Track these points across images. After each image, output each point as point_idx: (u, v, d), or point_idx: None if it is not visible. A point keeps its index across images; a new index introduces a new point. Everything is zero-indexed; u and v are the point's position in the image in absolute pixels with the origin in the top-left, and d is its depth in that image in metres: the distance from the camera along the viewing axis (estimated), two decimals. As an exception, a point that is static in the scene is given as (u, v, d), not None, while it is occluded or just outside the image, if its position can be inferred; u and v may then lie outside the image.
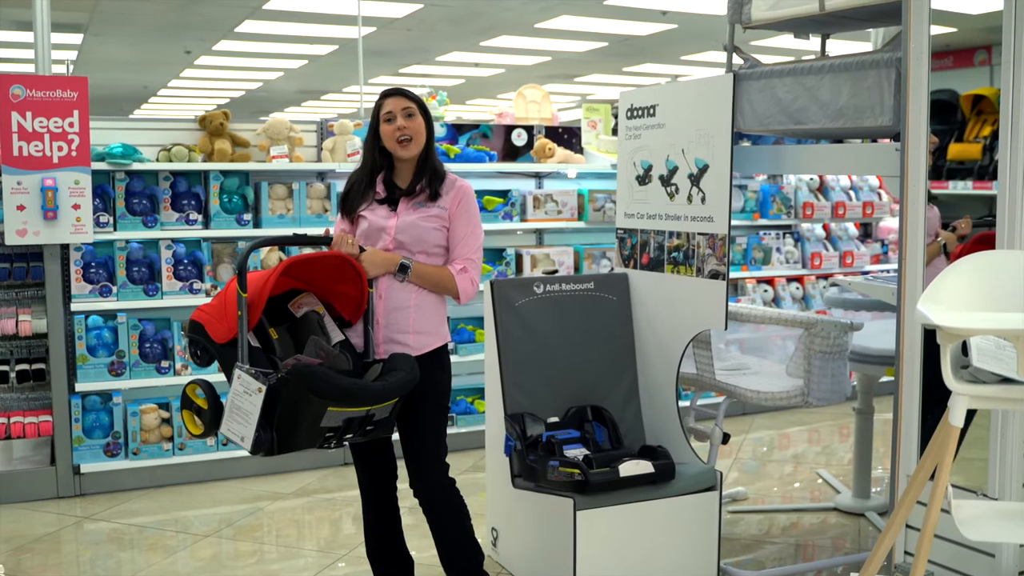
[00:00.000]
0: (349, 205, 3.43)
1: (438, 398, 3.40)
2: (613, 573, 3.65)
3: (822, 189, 7.11)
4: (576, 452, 3.84)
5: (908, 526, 3.21)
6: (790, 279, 7.18)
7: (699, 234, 3.92)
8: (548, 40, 12.26)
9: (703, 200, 3.90)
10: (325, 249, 3.32)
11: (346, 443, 3.23)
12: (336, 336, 3.34)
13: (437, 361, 3.38)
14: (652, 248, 4.20)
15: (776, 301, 7.07)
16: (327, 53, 13.13)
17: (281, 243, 3.55)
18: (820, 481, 5.45)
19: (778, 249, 6.99)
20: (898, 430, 3.25)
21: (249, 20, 10.64)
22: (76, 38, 11.48)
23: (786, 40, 4.44)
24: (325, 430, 3.08)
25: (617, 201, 4.47)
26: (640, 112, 4.27)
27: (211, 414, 3.17)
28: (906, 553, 3.23)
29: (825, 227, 7.33)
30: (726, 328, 3.81)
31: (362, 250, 3.31)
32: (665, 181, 4.12)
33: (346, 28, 11.09)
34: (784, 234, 7.09)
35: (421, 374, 3.27)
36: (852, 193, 7.19)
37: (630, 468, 3.64)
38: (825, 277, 7.22)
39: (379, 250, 3.32)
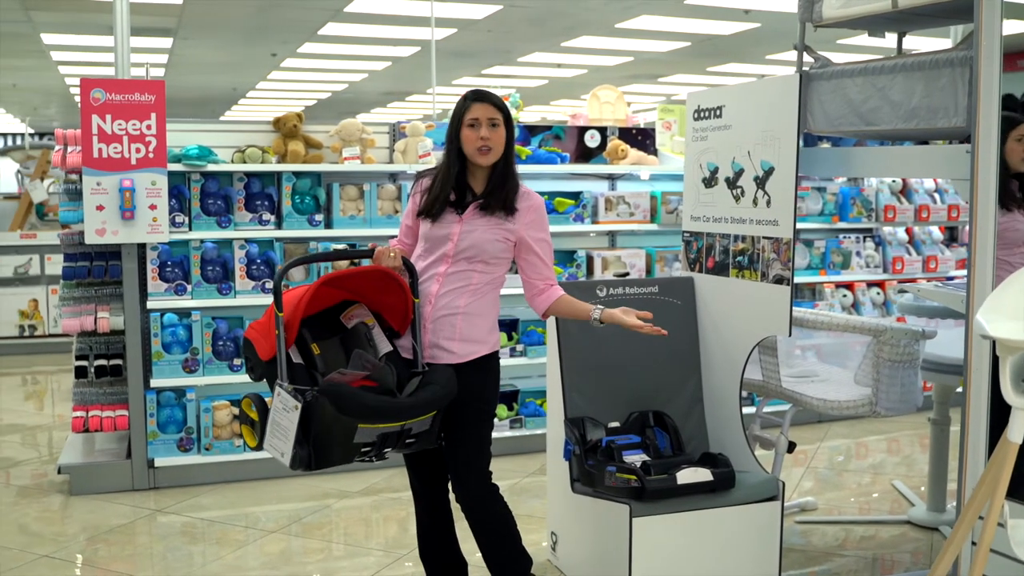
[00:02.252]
0: (436, 210, 3.31)
1: (481, 405, 3.34)
2: (670, 581, 3.59)
3: (905, 192, 6.90)
4: (636, 458, 3.79)
5: (976, 543, 3.08)
6: (870, 284, 6.99)
7: (764, 238, 3.83)
8: (630, 40, 12.17)
9: (768, 203, 3.81)
10: (367, 263, 3.34)
11: (387, 456, 3.24)
12: (384, 347, 3.34)
13: (483, 368, 3.34)
14: (717, 252, 4.13)
15: (856, 307, 6.89)
16: (409, 55, 13.25)
17: (322, 259, 3.55)
18: (895, 493, 5.30)
19: (858, 253, 6.82)
20: (965, 443, 3.13)
21: (331, 23, 10.80)
22: (166, 42, 11.77)
23: (872, 38, 4.30)
24: (360, 445, 3.11)
25: (684, 204, 4.41)
26: (707, 113, 4.20)
27: (262, 428, 3.24)
28: None
29: (908, 231, 7.11)
30: (790, 334, 3.71)
31: (407, 263, 3.31)
32: (731, 183, 4.04)
33: (427, 30, 11.15)
34: (864, 238, 6.91)
35: (465, 380, 3.27)
36: (936, 196, 6.97)
37: (688, 476, 3.58)
38: (908, 282, 7.01)
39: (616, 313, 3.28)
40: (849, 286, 6.93)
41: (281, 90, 17.50)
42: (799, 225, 6.60)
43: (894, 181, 6.86)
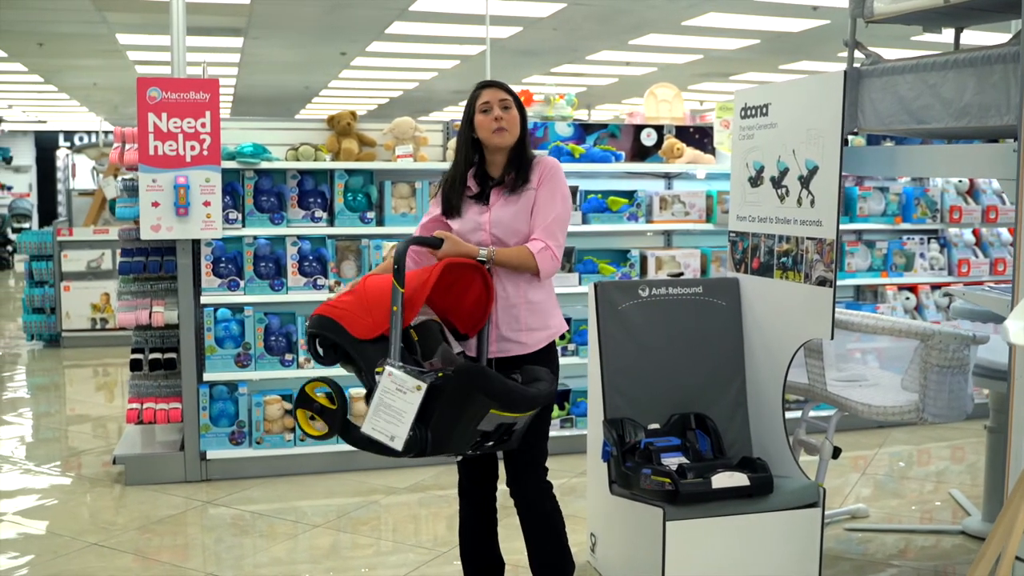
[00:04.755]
0: (454, 206, 3.36)
1: None
2: (704, 587, 3.54)
3: (972, 192, 6.70)
4: (674, 460, 3.74)
5: (1019, 558, 2.98)
6: (934, 287, 6.79)
7: (808, 239, 3.74)
8: (698, 38, 12.02)
9: (812, 203, 3.72)
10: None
11: (480, 452, 3.19)
12: (456, 347, 3.33)
13: (545, 358, 3.35)
14: (762, 252, 4.05)
15: (919, 309, 6.71)
16: (477, 53, 13.26)
17: (430, 244, 3.36)
18: (953, 502, 5.14)
19: (922, 255, 6.63)
20: (1008, 450, 3.02)
21: (398, 22, 10.86)
22: (237, 41, 11.96)
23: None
24: (478, 433, 3.04)
25: (730, 203, 4.33)
26: (753, 112, 4.12)
27: (341, 413, 3.11)
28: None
29: (975, 232, 6.89)
30: (832, 337, 3.62)
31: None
32: (776, 183, 3.96)
33: (494, 28, 11.16)
34: (929, 239, 6.72)
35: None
36: (1005, 197, 6.74)
37: (724, 480, 3.51)
38: (975, 285, 6.80)
39: (458, 240, 3.23)
40: (912, 289, 6.75)
41: (353, 89, 17.66)
42: (860, 226, 6.53)
43: (960, 181, 6.67)
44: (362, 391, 3.33)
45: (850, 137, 6.07)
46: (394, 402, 2.94)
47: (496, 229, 3.29)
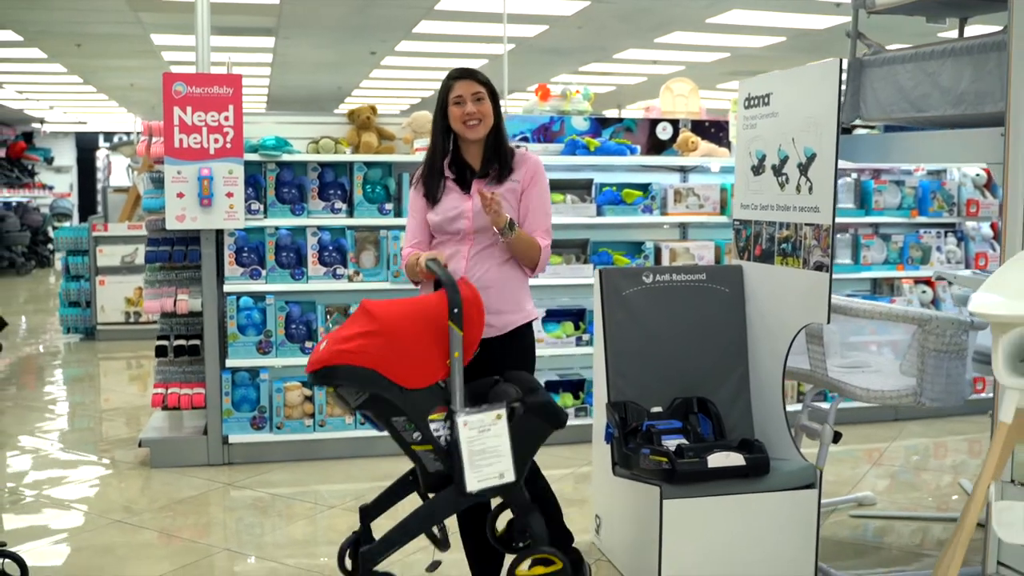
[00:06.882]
0: (432, 194, 3.44)
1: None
2: (700, 564, 3.61)
3: (990, 185, 6.71)
4: (674, 442, 3.82)
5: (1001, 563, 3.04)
6: (951, 281, 6.80)
7: (806, 225, 3.81)
8: (723, 35, 12.05)
9: (811, 190, 3.79)
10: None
11: None
12: None
13: (522, 337, 3.44)
14: (764, 239, 4.12)
15: (935, 303, 6.73)
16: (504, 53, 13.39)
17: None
18: (963, 492, 5.18)
19: (938, 248, 6.66)
20: (994, 432, 3.07)
21: (425, 20, 10.98)
22: (269, 41, 12.15)
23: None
24: None
25: (735, 192, 4.41)
26: (756, 101, 4.20)
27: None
28: (999, 564, 3.05)
29: (993, 226, 6.90)
30: (828, 322, 3.69)
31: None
32: (777, 171, 4.03)
33: (520, 27, 11.27)
34: (946, 232, 6.74)
35: (506, 351, 3.37)
36: (1023, 190, 6.75)
37: (719, 460, 3.59)
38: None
39: (481, 213, 3.30)
40: (928, 282, 6.77)
41: (385, 88, 17.80)
42: (876, 219, 6.56)
43: (977, 175, 6.69)
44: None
45: (866, 130, 6.13)
46: (484, 445, 2.97)
47: (480, 220, 3.36)
